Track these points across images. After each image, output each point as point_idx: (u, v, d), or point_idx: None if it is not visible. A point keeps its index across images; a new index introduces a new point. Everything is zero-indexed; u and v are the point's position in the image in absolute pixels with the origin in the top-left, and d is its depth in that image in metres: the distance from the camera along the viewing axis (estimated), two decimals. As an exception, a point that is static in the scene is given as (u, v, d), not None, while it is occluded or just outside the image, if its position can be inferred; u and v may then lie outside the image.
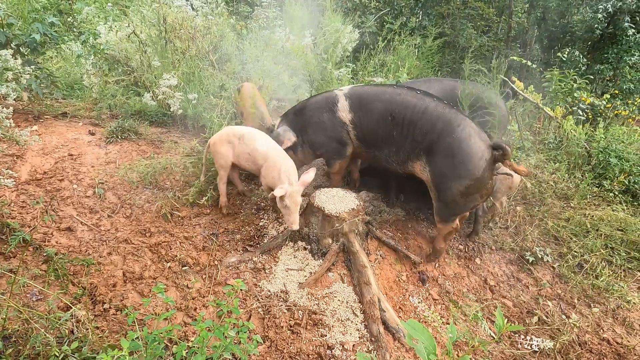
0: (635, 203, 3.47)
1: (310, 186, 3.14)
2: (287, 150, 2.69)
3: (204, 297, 2.18)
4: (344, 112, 2.59)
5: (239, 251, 2.55)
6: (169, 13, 3.81)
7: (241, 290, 1.80)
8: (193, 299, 2.14)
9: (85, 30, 3.84)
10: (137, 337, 1.38)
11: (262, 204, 2.94)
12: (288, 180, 2.37)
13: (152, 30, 3.82)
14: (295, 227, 2.34)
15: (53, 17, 3.33)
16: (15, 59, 2.79)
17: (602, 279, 2.72)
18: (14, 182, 2.16)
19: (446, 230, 2.52)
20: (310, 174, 2.43)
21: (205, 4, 4.18)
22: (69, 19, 3.95)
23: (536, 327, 2.39)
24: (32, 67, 2.93)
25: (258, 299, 2.18)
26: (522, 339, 1.25)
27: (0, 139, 2.56)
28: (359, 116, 2.56)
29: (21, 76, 2.80)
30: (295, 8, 5.03)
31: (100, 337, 1.72)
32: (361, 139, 2.63)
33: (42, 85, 3.21)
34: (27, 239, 2.08)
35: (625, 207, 3.35)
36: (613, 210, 3.25)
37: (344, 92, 2.63)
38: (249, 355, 1.50)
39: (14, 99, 2.77)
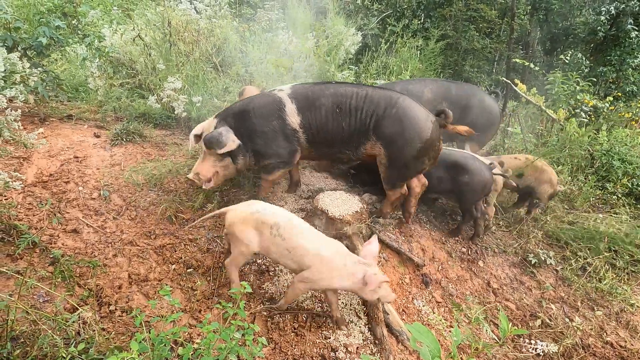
0: (638, 205, 3.47)
1: (312, 189, 3.16)
2: (224, 155, 2.46)
3: (208, 299, 2.19)
4: (293, 116, 2.45)
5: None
6: (173, 16, 3.84)
7: (246, 292, 1.81)
8: (198, 301, 2.16)
9: (90, 33, 3.88)
10: (144, 339, 1.39)
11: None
12: (359, 272, 1.87)
13: (157, 33, 3.85)
14: (393, 298, 1.95)
15: (59, 20, 3.37)
16: (22, 62, 2.82)
17: (605, 282, 2.72)
18: (22, 185, 2.18)
19: (395, 197, 2.68)
20: (374, 244, 2.02)
21: (208, 6, 4.21)
22: (73, 22, 3.98)
23: (539, 330, 2.39)
24: (39, 70, 2.97)
25: (262, 302, 2.20)
26: (527, 343, 1.26)
27: (7, 141, 2.58)
28: (308, 117, 2.46)
29: (29, 79, 2.83)
30: (297, 11, 5.06)
31: (106, 338, 1.74)
32: (311, 140, 2.52)
33: (47, 87, 3.24)
34: (36, 241, 2.10)
35: (628, 210, 3.35)
36: (616, 214, 3.25)
37: (288, 94, 2.48)
38: (254, 357, 1.51)
39: (21, 102, 2.80)
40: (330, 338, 2.04)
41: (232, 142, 2.43)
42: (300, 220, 2.04)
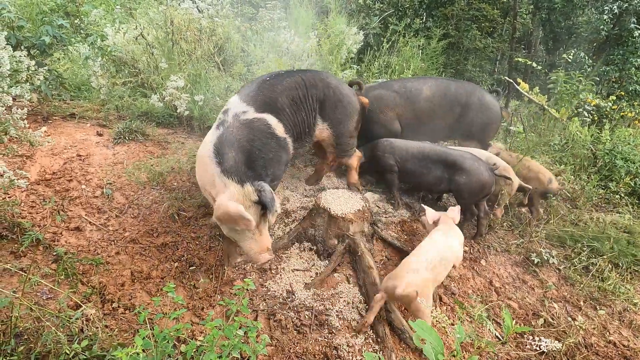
0: (642, 206, 3.45)
1: (314, 187, 3.16)
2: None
3: (210, 296, 2.20)
4: (280, 129, 2.33)
5: (245, 251, 2.56)
6: (176, 15, 3.85)
7: (248, 290, 1.81)
8: (200, 298, 2.17)
9: (93, 32, 3.89)
10: (147, 336, 1.40)
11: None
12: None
13: (159, 32, 3.86)
14: None
15: (62, 20, 3.38)
16: (29, 60, 2.83)
17: (608, 282, 2.71)
18: (26, 183, 2.19)
19: (354, 162, 2.96)
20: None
21: (211, 6, 4.21)
22: (76, 21, 3.99)
23: (542, 329, 2.39)
24: (43, 68, 2.98)
25: (265, 299, 2.20)
26: (531, 340, 1.26)
27: (11, 139, 2.59)
28: (283, 120, 2.37)
29: (33, 77, 2.84)
30: (299, 10, 5.06)
31: (109, 335, 1.75)
32: (294, 141, 2.48)
33: (50, 86, 3.25)
34: (40, 238, 2.12)
35: (631, 209, 3.33)
36: (619, 214, 3.23)
37: (256, 108, 2.25)
38: (257, 354, 1.51)
39: (26, 100, 2.82)
40: (332, 336, 2.04)
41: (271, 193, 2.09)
42: None
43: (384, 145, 3.02)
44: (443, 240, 2.23)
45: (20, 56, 2.58)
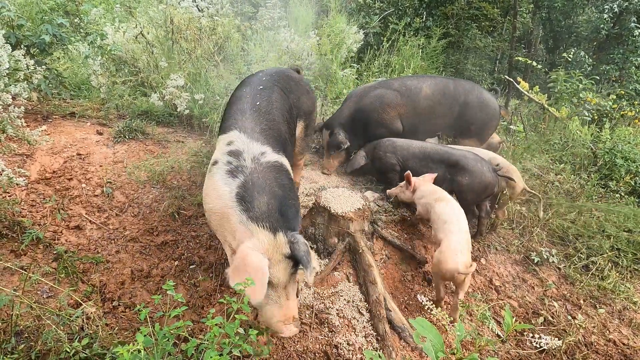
0: (641, 204, 3.45)
1: (315, 186, 3.16)
2: None
3: (211, 295, 2.20)
4: (290, 169, 2.06)
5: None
6: (176, 14, 3.84)
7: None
8: (200, 297, 2.17)
9: (93, 31, 3.89)
10: (148, 334, 1.40)
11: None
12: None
13: (159, 31, 3.85)
14: None
15: (61, 19, 3.37)
16: (26, 59, 2.83)
17: (608, 280, 2.71)
18: (25, 181, 2.19)
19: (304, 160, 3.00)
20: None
21: (210, 4, 4.21)
22: (76, 20, 3.99)
23: (542, 327, 2.39)
24: (42, 67, 2.98)
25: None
26: (530, 338, 1.26)
27: (10, 138, 2.59)
28: (288, 155, 2.14)
29: (32, 76, 2.84)
30: (299, 9, 5.05)
31: (110, 333, 1.75)
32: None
33: (50, 85, 3.25)
34: (40, 237, 2.12)
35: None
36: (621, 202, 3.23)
37: (272, 148, 1.93)
38: (260, 356, 1.51)
39: (25, 99, 2.82)
40: (333, 334, 2.04)
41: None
42: None
43: (385, 145, 3.01)
44: (456, 206, 2.42)
45: (18, 55, 2.58)
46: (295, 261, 1.64)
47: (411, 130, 3.29)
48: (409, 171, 2.68)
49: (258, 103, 2.11)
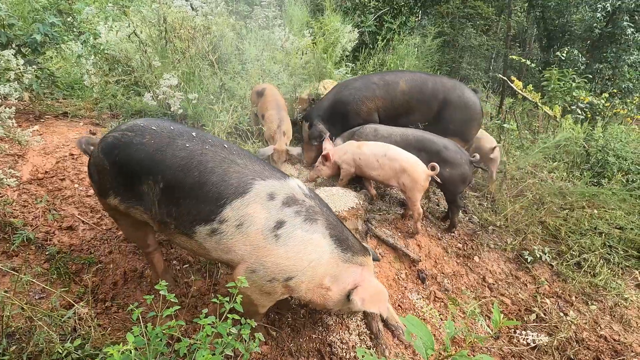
0: (633, 202, 3.48)
1: (308, 185, 3.16)
2: None
3: (204, 295, 2.20)
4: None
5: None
6: (169, 13, 3.82)
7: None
8: (193, 297, 2.16)
9: (86, 30, 3.86)
10: (141, 334, 1.40)
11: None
12: None
13: (152, 30, 3.83)
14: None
15: (54, 17, 3.34)
16: (17, 59, 2.80)
17: (600, 277, 2.74)
18: (17, 182, 2.18)
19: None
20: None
21: (204, 3, 4.18)
22: (68, 19, 3.96)
23: (534, 324, 2.41)
24: (34, 67, 2.95)
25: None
26: (519, 334, 1.28)
27: (2, 138, 2.57)
28: None
29: (23, 76, 2.82)
30: (294, 8, 5.04)
31: (102, 334, 1.74)
32: None
33: (42, 85, 3.22)
34: (31, 237, 2.10)
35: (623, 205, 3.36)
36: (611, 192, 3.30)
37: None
38: (250, 352, 1.52)
39: (16, 99, 2.79)
40: (326, 332, 2.05)
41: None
42: None
43: (367, 131, 3.00)
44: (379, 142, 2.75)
45: (8, 55, 2.56)
46: None
47: (388, 124, 3.28)
48: (327, 151, 2.81)
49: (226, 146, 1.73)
